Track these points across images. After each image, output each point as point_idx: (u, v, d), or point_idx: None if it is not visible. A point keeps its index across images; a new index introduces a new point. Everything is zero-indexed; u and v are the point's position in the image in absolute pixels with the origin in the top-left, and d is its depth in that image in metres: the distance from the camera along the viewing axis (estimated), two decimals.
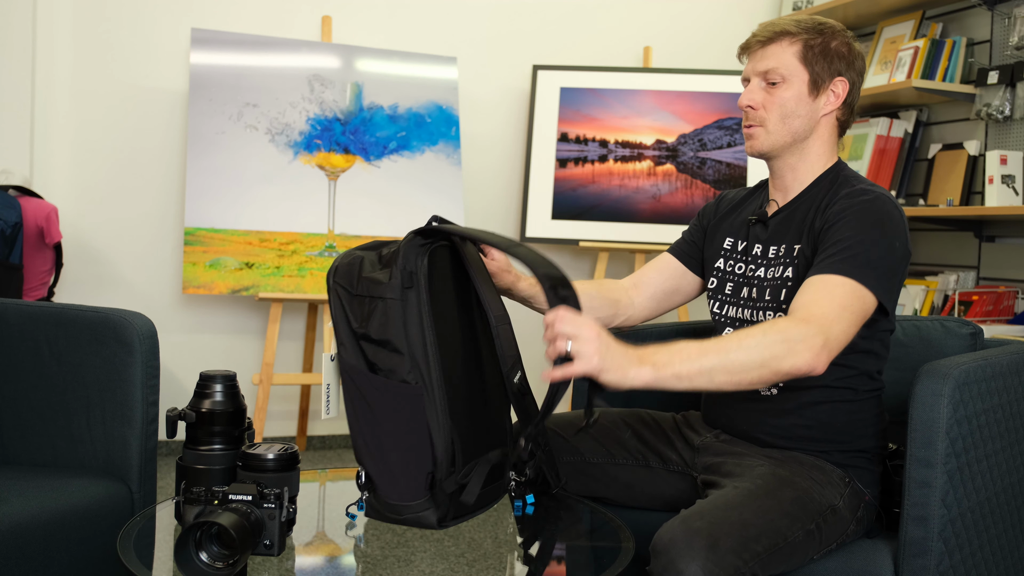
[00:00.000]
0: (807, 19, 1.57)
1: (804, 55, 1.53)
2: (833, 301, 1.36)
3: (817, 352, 1.29)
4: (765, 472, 1.43)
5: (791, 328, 1.31)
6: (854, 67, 1.56)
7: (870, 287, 1.40)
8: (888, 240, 1.44)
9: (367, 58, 3.46)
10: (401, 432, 1.31)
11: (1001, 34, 3.26)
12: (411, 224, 3.81)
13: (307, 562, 1.31)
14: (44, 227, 2.90)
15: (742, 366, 1.28)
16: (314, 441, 3.63)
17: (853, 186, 1.52)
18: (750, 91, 1.56)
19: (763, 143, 1.56)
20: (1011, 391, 1.49)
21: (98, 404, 1.77)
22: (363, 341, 1.33)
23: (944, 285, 3.22)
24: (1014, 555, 1.51)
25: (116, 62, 3.34)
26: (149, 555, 1.32)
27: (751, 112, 1.56)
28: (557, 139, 3.63)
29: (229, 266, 3.11)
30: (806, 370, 1.29)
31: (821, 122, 1.56)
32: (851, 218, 1.45)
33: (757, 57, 1.56)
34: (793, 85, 1.53)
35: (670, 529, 1.26)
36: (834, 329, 1.33)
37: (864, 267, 1.40)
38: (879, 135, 3.53)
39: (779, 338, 1.29)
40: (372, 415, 1.32)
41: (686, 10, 3.94)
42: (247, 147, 3.22)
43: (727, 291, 1.64)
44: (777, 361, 1.28)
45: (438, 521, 1.31)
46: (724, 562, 1.22)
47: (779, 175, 1.61)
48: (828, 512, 1.41)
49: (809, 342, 1.29)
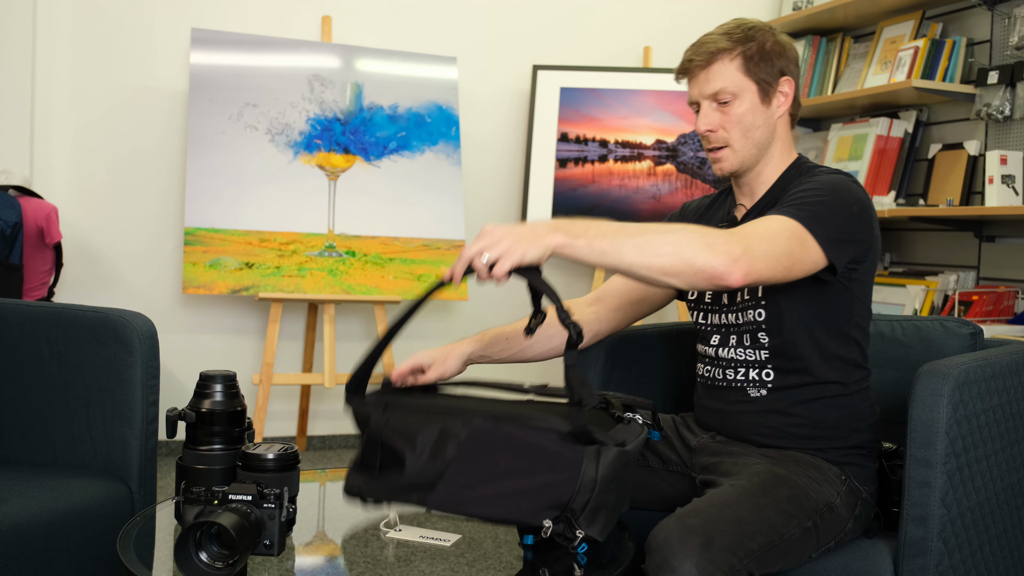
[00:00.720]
0: (734, 28, 1.56)
1: (746, 67, 1.53)
2: (768, 228, 1.36)
3: (735, 258, 1.27)
4: (762, 470, 1.43)
5: (716, 233, 1.31)
6: (791, 60, 1.57)
7: (814, 234, 1.38)
8: (844, 202, 1.44)
9: (367, 58, 3.46)
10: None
11: (1001, 34, 3.26)
12: (411, 224, 3.78)
13: (307, 562, 1.31)
14: (44, 227, 2.90)
15: (655, 250, 1.27)
16: (314, 441, 3.63)
17: (820, 169, 1.55)
18: (705, 115, 1.55)
19: (732, 162, 1.56)
20: (1011, 391, 1.49)
21: (98, 404, 1.77)
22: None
23: (944, 285, 3.22)
24: (1014, 555, 1.51)
25: (116, 62, 3.34)
26: (149, 555, 1.32)
27: (712, 135, 1.56)
28: (557, 139, 3.63)
29: (229, 266, 3.11)
30: (720, 271, 1.27)
31: (777, 124, 1.58)
32: (808, 185, 1.47)
33: (701, 80, 1.55)
34: (745, 99, 1.53)
35: (665, 527, 1.26)
36: (758, 247, 1.31)
37: (812, 217, 1.39)
38: (879, 135, 3.53)
39: (700, 235, 1.29)
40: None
41: (686, 10, 3.94)
42: (247, 147, 3.22)
43: (707, 299, 1.63)
44: (692, 253, 1.27)
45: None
46: (719, 560, 1.22)
47: (746, 183, 1.62)
48: (825, 510, 1.41)
49: (728, 247, 1.28)
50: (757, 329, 1.53)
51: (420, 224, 3.39)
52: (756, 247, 1.31)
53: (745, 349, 1.55)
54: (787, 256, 1.35)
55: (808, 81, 3.91)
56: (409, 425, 1.30)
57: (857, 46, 3.83)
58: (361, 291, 3.22)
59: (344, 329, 3.61)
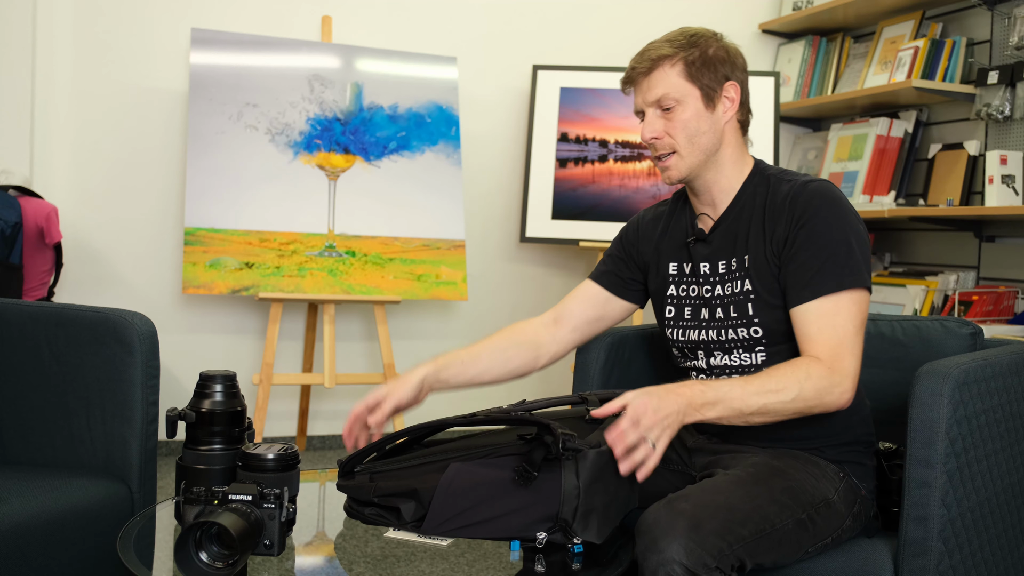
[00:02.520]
0: (677, 35, 1.57)
1: (688, 72, 1.53)
2: (841, 330, 1.43)
3: (849, 396, 1.42)
4: (758, 462, 1.45)
5: (822, 380, 1.40)
6: (738, 66, 1.57)
7: (862, 284, 1.46)
8: (850, 224, 1.48)
9: (367, 58, 3.46)
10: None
11: (1001, 34, 3.26)
12: (411, 224, 3.78)
13: (307, 562, 1.31)
14: (44, 227, 2.90)
15: (778, 413, 1.40)
16: (314, 441, 3.63)
17: (790, 180, 1.54)
18: (649, 123, 1.55)
19: (680, 169, 1.56)
20: (1011, 391, 1.49)
21: (98, 404, 1.77)
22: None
23: (944, 285, 3.22)
24: (1014, 555, 1.51)
25: (116, 62, 3.34)
26: (149, 555, 1.32)
27: (658, 143, 1.55)
28: (557, 139, 3.63)
29: (229, 266, 3.11)
30: (839, 406, 1.43)
31: (725, 130, 1.57)
32: (815, 219, 1.48)
33: (644, 88, 1.56)
34: (688, 105, 1.53)
35: (655, 510, 1.28)
36: (853, 365, 1.43)
37: (851, 270, 1.45)
38: (879, 135, 3.53)
39: (813, 393, 1.39)
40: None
41: (686, 10, 3.94)
42: (247, 147, 3.22)
43: (686, 316, 1.62)
44: (810, 410, 1.41)
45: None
46: (707, 543, 1.22)
47: (703, 192, 1.60)
48: (822, 505, 1.41)
49: (839, 390, 1.41)
50: (755, 344, 1.54)
51: (420, 224, 3.39)
52: (852, 365, 1.43)
53: (740, 357, 1.56)
54: (862, 331, 1.47)
55: (808, 81, 3.91)
56: (396, 487, 1.39)
57: (857, 46, 3.84)
58: (361, 291, 3.23)
59: (344, 329, 3.61)
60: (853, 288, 1.44)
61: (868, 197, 3.51)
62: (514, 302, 3.85)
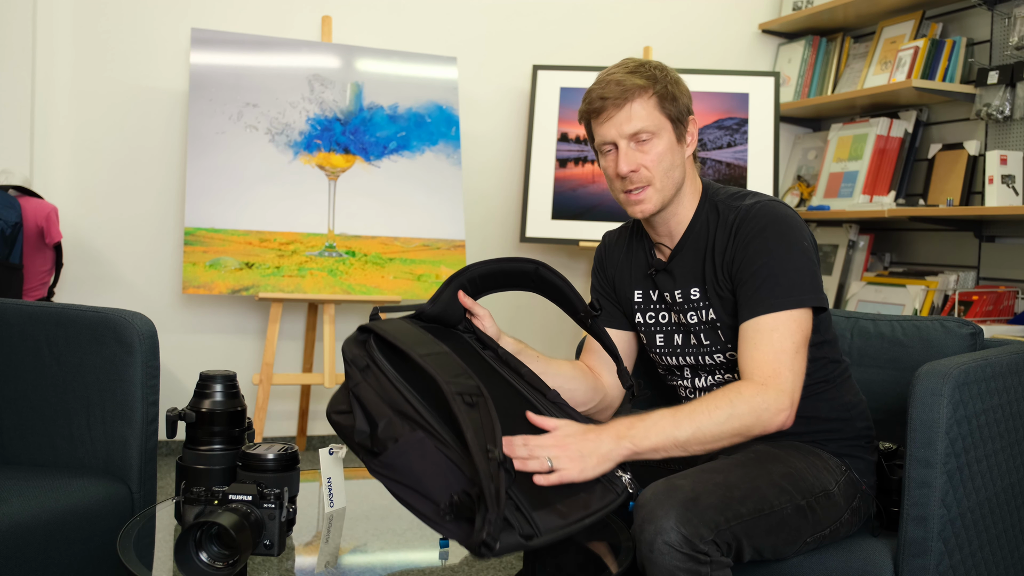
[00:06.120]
0: (637, 66, 1.51)
1: (661, 105, 1.50)
2: (777, 349, 1.40)
3: (787, 413, 1.38)
4: (760, 448, 1.46)
5: (755, 397, 1.36)
6: (690, 99, 1.55)
7: (802, 304, 1.43)
8: (795, 241, 1.45)
9: (367, 58, 3.46)
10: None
11: (1001, 34, 3.26)
12: (411, 224, 3.78)
13: (307, 562, 1.31)
14: (44, 227, 2.90)
15: (715, 437, 1.35)
16: (314, 441, 3.63)
17: (736, 204, 1.52)
18: (626, 156, 1.49)
19: (655, 202, 1.52)
20: (1011, 391, 1.49)
21: (98, 404, 1.77)
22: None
23: (944, 285, 3.22)
24: (1014, 555, 1.52)
25: (116, 62, 3.34)
26: (149, 555, 1.32)
27: (635, 176, 1.50)
28: (557, 139, 3.63)
29: (229, 266, 3.11)
30: (777, 426, 1.38)
31: (687, 164, 1.56)
32: (757, 240, 1.45)
33: (619, 120, 1.49)
34: (663, 138, 1.50)
35: (653, 487, 1.28)
36: (791, 381, 1.39)
37: (789, 289, 1.42)
38: (879, 135, 3.53)
39: (747, 409, 1.35)
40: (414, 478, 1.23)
41: (686, 10, 3.94)
42: (247, 147, 3.22)
43: (659, 343, 1.62)
44: (748, 430, 1.36)
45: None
46: (704, 517, 1.23)
47: (661, 224, 1.58)
48: (821, 495, 1.42)
49: (775, 407, 1.37)
50: (736, 366, 1.53)
51: (420, 224, 3.39)
52: (790, 384, 1.39)
53: (725, 376, 1.57)
54: (804, 351, 1.43)
55: (808, 81, 3.91)
56: (376, 400, 1.28)
57: (857, 46, 3.84)
58: (361, 291, 3.22)
59: (344, 329, 3.60)
60: (793, 308, 1.42)
61: (868, 197, 3.51)
62: (514, 302, 3.85)
